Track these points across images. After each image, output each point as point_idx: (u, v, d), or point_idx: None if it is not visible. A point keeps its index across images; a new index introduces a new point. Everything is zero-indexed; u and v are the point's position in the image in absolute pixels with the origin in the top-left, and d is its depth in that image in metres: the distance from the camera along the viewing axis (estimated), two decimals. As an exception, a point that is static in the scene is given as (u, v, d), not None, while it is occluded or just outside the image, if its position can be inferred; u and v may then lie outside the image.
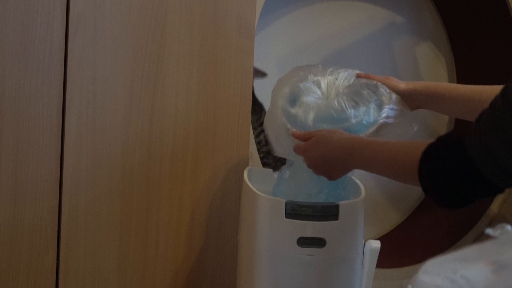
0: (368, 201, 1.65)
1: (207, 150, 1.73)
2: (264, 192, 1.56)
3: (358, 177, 1.65)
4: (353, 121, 1.51)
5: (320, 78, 1.60)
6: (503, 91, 1.16)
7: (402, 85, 1.59)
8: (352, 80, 1.60)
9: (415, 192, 2.39)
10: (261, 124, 1.89)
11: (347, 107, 1.52)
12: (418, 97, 1.59)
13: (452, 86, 1.62)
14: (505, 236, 0.79)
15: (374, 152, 1.39)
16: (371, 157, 1.39)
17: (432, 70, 2.47)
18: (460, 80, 2.46)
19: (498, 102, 1.16)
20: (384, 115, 1.53)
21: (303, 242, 1.50)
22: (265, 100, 2.21)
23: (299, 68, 1.63)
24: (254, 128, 2.00)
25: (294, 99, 1.57)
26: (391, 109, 1.54)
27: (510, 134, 1.13)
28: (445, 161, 1.24)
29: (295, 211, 1.50)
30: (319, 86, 1.60)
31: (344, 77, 1.60)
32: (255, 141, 1.93)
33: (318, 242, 1.50)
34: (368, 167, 1.42)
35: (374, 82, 1.57)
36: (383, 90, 1.55)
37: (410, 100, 1.58)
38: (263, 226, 1.53)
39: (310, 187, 1.56)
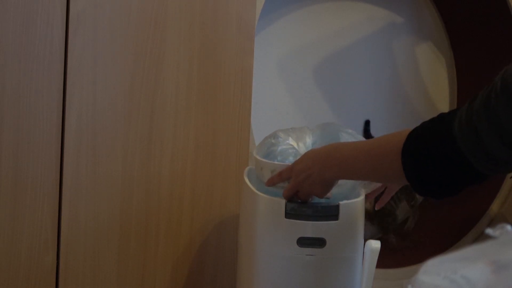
0: (368, 201, 1.65)
1: (207, 150, 1.73)
2: (264, 192, 1.56)
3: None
4: None
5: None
6: (502, 74, 1.13)
7: None
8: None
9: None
10: None
11: None
12: None
13: None
14: (505, 236, 0.79)
15: (351, 150, 1.36)
16: (348, 156, 1.35)
17: (432, 70, 2.48)
18: (460, 80, 2.47)
19: (496, 85, 1.12)
20: None
21: (303, 242, 1.50)
22: (264, 100, 2.22)
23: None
24: None
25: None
26: None
27: (502, 118, 1.10)
28: (429, 141, 1.21)
29: (295, 211, 1.50)
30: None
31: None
32: None
33: (318, 242, 1.50)
34: (346, 169, 1.37)
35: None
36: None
37: None
38: (263, 226, 1.53)
39: None
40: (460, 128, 1.16)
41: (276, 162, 1.54)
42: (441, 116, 1.23)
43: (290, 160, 1.54)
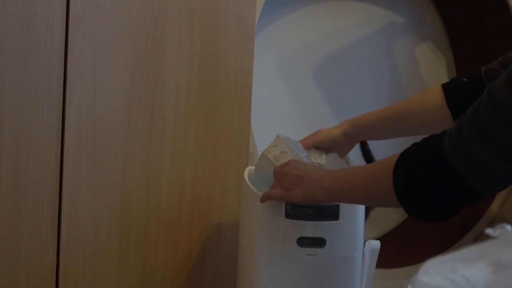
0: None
1: (207, 150, 1.73)
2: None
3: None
4: None
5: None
6: (488, 89, 1.15)
7: (334, 131, 1.63)
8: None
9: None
10: None
11: None
12: (353, 136, 1.63)
13: (375, 112, 1.66)
14: (505, 236, 0.79)
15: (348, 172, 1.39)
16: (344, 176, 1.38)
17: (432, 70, 2.48)
18: (460, 80, 2.46)
19: (483, 99, 1.14)
20: None
21: (303, 242, 1.50)
22: (264, 100, 2.22)
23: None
24: None
25: None
26: None
27: (493, 130, 1.11)
28: (419, 159, 1.21)
29: (295, 211, 1.50)
30: None
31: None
32: None
33: (318, 242, 1.50)
34: (340, 188, 1.38)
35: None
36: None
37: (348, 141, 1.63)
38: (263, 226, 1.53)
39: None
40: (450, 144, 1.17)
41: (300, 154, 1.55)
42: (432, 135, 1.23)
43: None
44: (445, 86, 1.55)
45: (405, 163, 1.23)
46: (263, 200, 1.49)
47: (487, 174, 1.14)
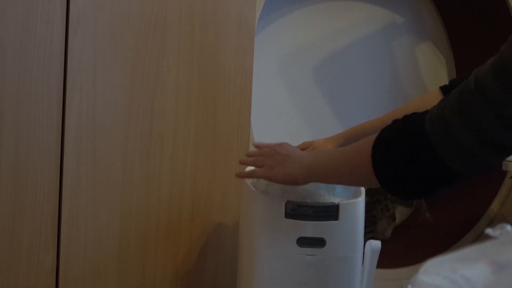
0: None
1: (207, 150, 1.73)
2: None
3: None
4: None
5: None
6: (475, 72, 1.15)
7: (328, 146, 1.65)
8: None
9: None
10: None
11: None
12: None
13: (367, 123, 1.68)
14: (505, 236, 0.79)
15: (331, 151, 1.40)
16: (326, 155, 1.39)
17: (432, 70, 2.48)
18: (460, 80, 2.47)
19: (470, 82, 1.14)
20: None
21: (303, 242, 1.50)
22: (264, 100, 2.22)
23: None
24: None
25: None
26: None
27: (475, 112, 1.11)
28: (399, 135, 1.20)
29: (295, 211, 1.50)
30: None
31: None
32: None
33: (318, 242, 1.50)
34: (320, 166, 1.37)
35: None
36: None
37: None
38: (263, 226, 1.53)
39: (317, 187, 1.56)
40: (431, 122, 1.16)
41: None
42: (414, 113, 1.23)
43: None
44: (444, 89, 1.55)
45: (385, 138, 1.22)
46: (242, 176, 1.52)
47: (465, 154, 1.14)
